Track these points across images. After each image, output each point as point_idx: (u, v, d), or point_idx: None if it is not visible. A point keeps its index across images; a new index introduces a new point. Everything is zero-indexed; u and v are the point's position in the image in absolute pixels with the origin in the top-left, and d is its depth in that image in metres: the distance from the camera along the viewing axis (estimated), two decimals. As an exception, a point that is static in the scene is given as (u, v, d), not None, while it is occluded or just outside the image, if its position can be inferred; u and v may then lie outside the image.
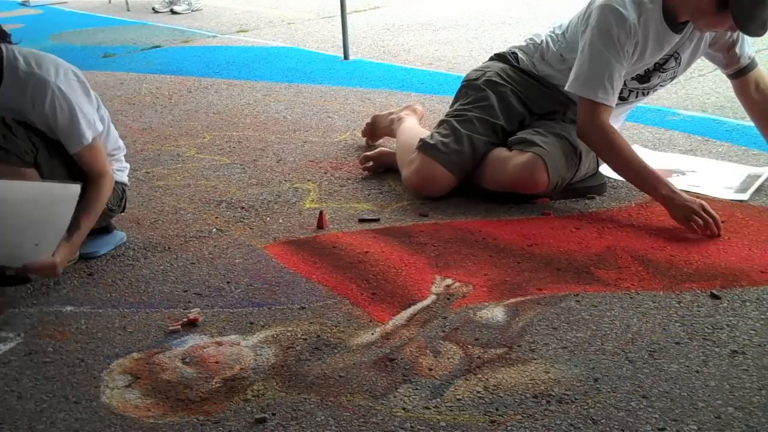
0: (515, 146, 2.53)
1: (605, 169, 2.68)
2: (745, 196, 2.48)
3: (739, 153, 2.88)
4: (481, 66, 2.80)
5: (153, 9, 7.35)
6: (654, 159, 2.81)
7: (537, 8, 6.29)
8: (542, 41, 2.66)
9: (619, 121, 2.75)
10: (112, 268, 2.25)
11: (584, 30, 2.39)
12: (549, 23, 2.71)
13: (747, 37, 2.50)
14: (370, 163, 2.88)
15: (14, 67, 2.12)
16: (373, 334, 1.85)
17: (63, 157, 2.21)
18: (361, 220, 2.48)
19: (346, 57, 4.86)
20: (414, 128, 2.94)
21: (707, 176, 2.67)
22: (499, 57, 2.79)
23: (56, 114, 2.12)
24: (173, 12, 7.20)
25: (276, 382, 1.68)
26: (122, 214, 2.52)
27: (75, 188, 2.02)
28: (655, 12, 2.32)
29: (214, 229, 2.48)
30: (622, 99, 2.58)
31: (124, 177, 2.44)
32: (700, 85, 3.77)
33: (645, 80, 2.51)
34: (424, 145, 2.60)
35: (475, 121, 2.60)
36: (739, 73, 2.54)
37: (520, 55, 2.72)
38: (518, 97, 2.64)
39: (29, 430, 1.57)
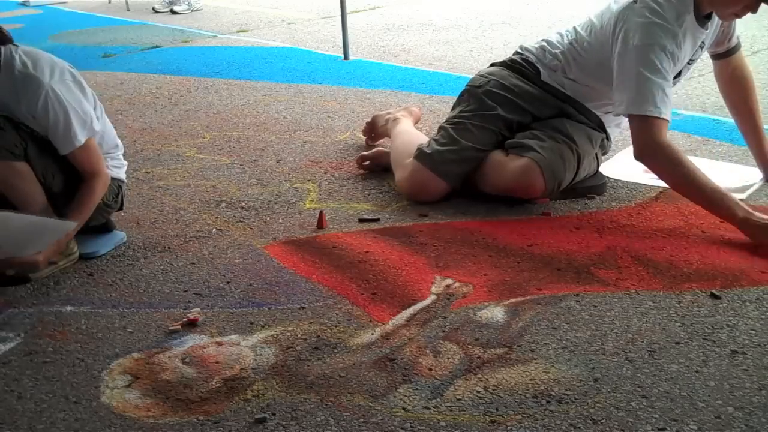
0: (512, 150, 2.52)
1: (605, 169, 2.68)
2: (743, 196, 2.48)
3: (739, 153, 2.88)
4: (486, 72, 2.74)
5: (153, 9, 7.34)
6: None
7: (537, 8, 6.28)
8: (563, 54, 2.57)
9: (623, 120, 2.73)
10: (112, 268, 2.25)
11: (623, 50, 2.32)
12: (549, 23, 2.69)
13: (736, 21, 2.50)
14: (367, 163, 2.89)
15: (11, 66, 2.12)
16: (373, 334, 1.85)
17: (54, 152, 2.20)
18: (361, 220, 2.48)
19: (346, 57, 4.85)
20: (408, 132, 2.94)
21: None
22: (504, 65, 2.72)
23: (48, 115, 2.12)
24: (173, 12, 7.19)
25: (276, 382, 1.68)
26: (122, 214, 2.52)
27: (70, 225, 2.14)
28: (690, 15, 2.31)
29: (214, 229, 2.48)
30: None
31: (121, 174, 2.43)
32: (700, 85, 3.77)
33: (677, 76, 2.49)
34: (420, 154, 2.61)
35: (473, 130, 2.59)
36: (726, 53, 2.55)
37: (532, 58, 2.64)
38: (520, 108, 2.60)
39: (29, 430, 1.57)
